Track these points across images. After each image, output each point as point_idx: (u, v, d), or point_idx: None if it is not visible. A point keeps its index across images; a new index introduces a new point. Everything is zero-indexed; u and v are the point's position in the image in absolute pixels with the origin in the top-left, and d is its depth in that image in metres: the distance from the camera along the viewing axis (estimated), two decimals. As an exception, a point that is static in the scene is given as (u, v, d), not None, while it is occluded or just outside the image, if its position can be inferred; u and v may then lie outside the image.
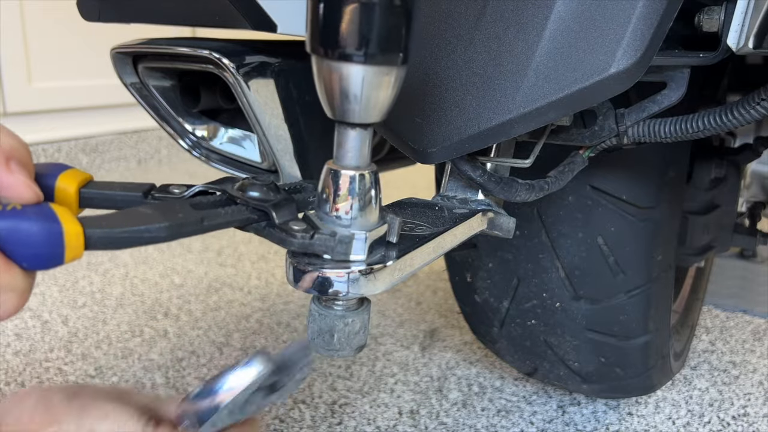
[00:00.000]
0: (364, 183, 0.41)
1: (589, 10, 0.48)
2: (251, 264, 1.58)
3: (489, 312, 0.91)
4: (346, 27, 0.35)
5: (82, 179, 0.41)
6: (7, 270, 0.31)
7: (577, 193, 0.77)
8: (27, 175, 0.35)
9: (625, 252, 0.78)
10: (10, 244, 0.31)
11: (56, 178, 0.40)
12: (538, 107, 0.49)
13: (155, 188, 0.44)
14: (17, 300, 0.32)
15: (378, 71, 0.37)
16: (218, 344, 1.17)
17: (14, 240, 0.31)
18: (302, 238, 0.40)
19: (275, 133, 0.66)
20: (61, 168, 0.41)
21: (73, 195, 0.41)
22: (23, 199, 0.34)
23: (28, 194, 0.34)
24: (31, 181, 0.35)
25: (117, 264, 1.55)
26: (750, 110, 0.53)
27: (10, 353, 1.11)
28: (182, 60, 0.69)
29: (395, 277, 0.44)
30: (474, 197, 0.59)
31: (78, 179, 0.41)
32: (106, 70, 0.87)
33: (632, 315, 0.81)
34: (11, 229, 0.31)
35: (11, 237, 0.31)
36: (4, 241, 0.31)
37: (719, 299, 1.43)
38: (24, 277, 0.32)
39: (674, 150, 0.77)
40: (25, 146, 0.37)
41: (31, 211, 0.32)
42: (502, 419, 0.97)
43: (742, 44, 0.52)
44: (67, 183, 0.40)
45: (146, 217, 0.36)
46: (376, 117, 0.39)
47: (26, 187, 0.34)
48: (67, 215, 0.33)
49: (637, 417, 0.98)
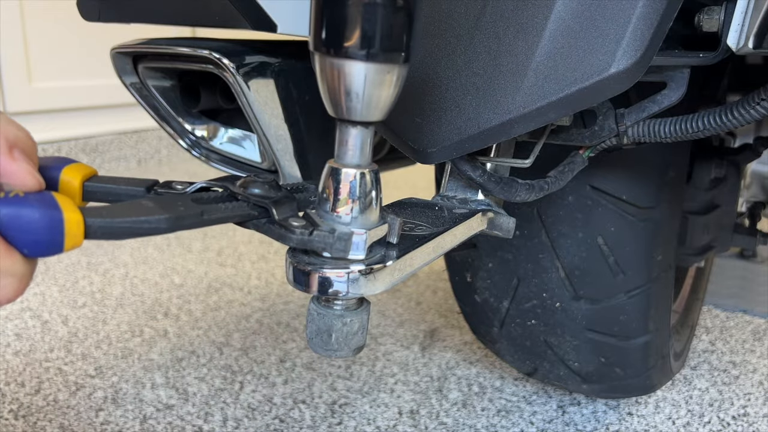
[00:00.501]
0: (364, 182, 0.41)
1: (589, 10, 0.48)
2: (251, 264, 1.58)
3: (489, 312, 0.91)
4: (349, 25, 0.35)
5: (86, 173, 0.42)
6: (8, 255, 0.32)
7: (577, 193, 0.77)
8: (30, 163, 0.35)
9: (625, 252, 0.78)
10: (12, 230, 0.31)
11: (60, 170, 0.41)
12: (538, 107, 0.49)
13: (158, 184, 0.44)
14: (17, 285, 0.33)
15: (380, 69, 0.37)
16: (218, 344, 1.17)
17: (15, 226, 0.31)
18: (301, 234, 0.41)
19: (275, 133, 0.66)
20: (65, 161, 0.41)
21: (77, 188, 0.41)
22: (26, 186, 0.34)
23: (30, 181, 0.34)
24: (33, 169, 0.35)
25: (117, 264, 1.55)
26: (750, 110, 0.53)
27: (10, 353, 1.11)
28: (182, 60, 0.69)
29: (395, 277, 0.44)
30: (474, 197, 0.59)
31: (82, 173, 0.42)
32: (106, 70, 0.87)
33: (632, 315, 0.81)
34: (13, 215, 0.31)
35: (13, 223, 0.31)
36: (5, 226, 0.31)
37: (719, 299, 1.43)
38: (24, 263, 0.33)
39: (674, 150, 0.77)
40: (29, 137, 0.37)
41: (33, 199, 0.32)
42: (502, 419, 0.97)
43: (742, 44, 0.52)
44: (71, 176, 0.41)
45: (147, 209, 0.37)
46: (377, 115, 0.39)
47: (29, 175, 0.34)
48: (69, 204, 0.33)
49: (637, 417, 0.98)
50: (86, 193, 0.42)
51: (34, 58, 2.21)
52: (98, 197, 0.42)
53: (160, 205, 0.37)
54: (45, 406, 0.97)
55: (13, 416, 0.94)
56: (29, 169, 0.35)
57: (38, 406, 0.97)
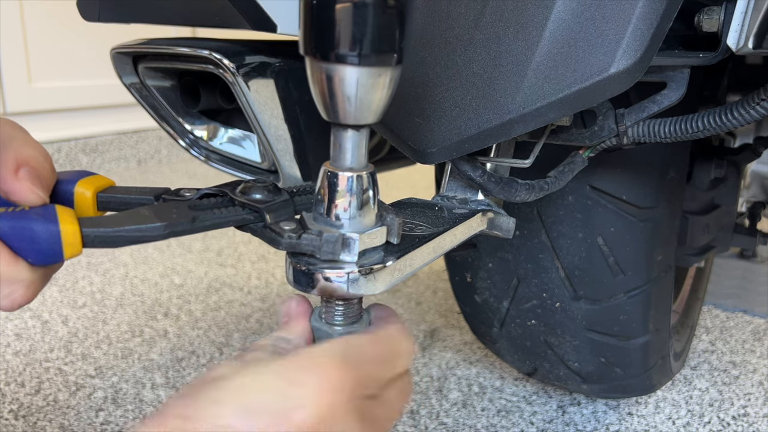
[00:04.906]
0: (359, 184, 0.41)
1: (589, 10, 0.48)
2: (251, 264, 1.58)
3: (489, 312, 0.91)
4: (339, 29, 0.35)
5: (100, 184, 0.45)
6: (14, 264, 0.36)
7: (577, 193, 0.77)
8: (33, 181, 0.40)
9: (625, 252, 0.78)
10: (17, 241, 0.36)
11: (75, 183, 0.44)
12: (538, 107, 0.49)
13: (168, 192, 0.46)
14: (24, 291, 0.36)
15: (372, 72, 0.37)
16: (218, 344, 1.17)
17: (20, 237, 0.36)
18: (289, 238, 0.41)
19: (275, 133, 0.66)
20: (82, 174, 0.45)
21: (90, 199, 0.44)
22: (29, 202, 0.39)
23: (32, 198, 0.39)
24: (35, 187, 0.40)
25: (117, 264, 1.55)
26: (750, 110, 0.53)
27: (10, 353, 1.11)
28: (182, 60, 0.69)
29: (395, 277, 0.44)
30: (474, 197, 0.59)
31: (96, 184, 0.45)
32: (106, 70, 0.87)
33: (632, 315, 0.81)
34: (17, 228, 0.35)
35: (17, 235, 0.35)
36: (11, 238, 0.35)
37: (719, 299, 1.43)
38: (30, 271, 0.36)
39: (674, 150, 0.77)
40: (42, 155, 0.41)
41: (35, 213, 0.36)
42: (502, 419, 0.97)
43: (742, 44, 0.52)
44: (84, 188, 0.44)
45: (142, 218, 0.39)
46: (371, 118, 0.39)
47: (30, 192, 0.39)
48: (67, 216, 0.37)
49: (637, 417, 0.98)
50: (101, 204, 0.45)
51: (34, 58, 2.21)
52: (112, 207, 0.45)
53: (155, 213, 0.40)
54: (45, 406, 0.97)
55: (13, 416, 0.94)
56: (31, 187, 0.39)
57: (38, 406, 0.97)
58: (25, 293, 0.37)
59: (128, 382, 1.04)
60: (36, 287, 0.37)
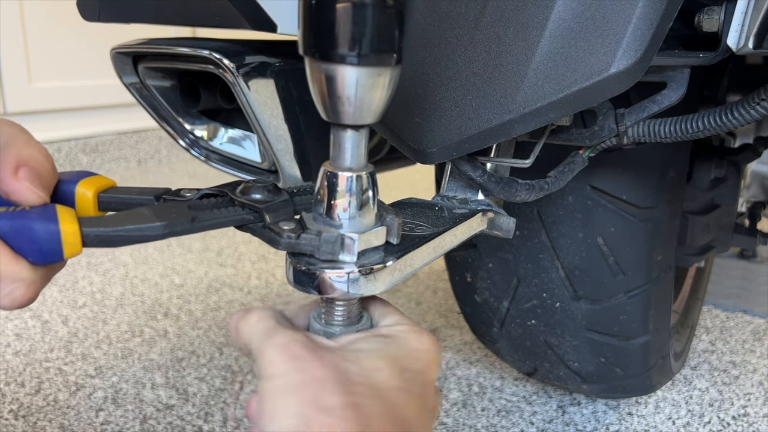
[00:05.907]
0: (358, 185, 0.41)
1: (589, 10, 0.48)
2: (251, 264, 1.58)
3: (489, 312, 0.91)
4: (338, 29, 0.35)
5: (101, 185, 0.45)
6: (15, 263, 0.36)
7: (577, 193, 0.77)
8: (33, 181, 0.40)
9: (625, 252, 0.78)
10: (17, 241, 0.36)
11: (76, 183, 0.44)
12: (538, 107, 0.49)
13: (169, 192, 0.45)
14: (25, 290, 0.37)
15: (371, 72, 0.37)
16: (218, 344, 1.17)
17: (20, 237, 0.36)
18: (288, 238, 0.41)
19: (275, 133, 0.66)
20: (83, 175, 0.45)
21: (91, 199, 0.44)
22: (29, 202, 0.39)
23: (32, 197, 0.39)
24: (35, 186, 0.40)
25: (117, 264, 1.55)
26: (750, 110, 0.53)
27: (10, 353, 1.11)
28: (182, 60, 0.69)
29: (395, 277, 0.44)
30: (474, 197, 0.59)
31: (97, 185, 0.45)
32: (106, 70, 0.87)
33: (632, 315, 0.81)
34: (17, 227, 0.36)
35: (17, 234, 0.36)
36: (12, 237, 0.36)
37: (719, 299, 1.43)
38: (31, 270, 0.37)
39: (674, 150, 0.77)
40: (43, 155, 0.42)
41: (35, 212, 0.36)
42: (502, 419, 0.97)
43: (742, 44, 0.52)
44: (86, 188, 0.44)
45: (142, 218, 0.39)
46: (370, 118, 0.39)
47: (30, 192, 0.39)
48: (67, 216, 0.37)
49: (637, 417, 0.98)
50: (102, 204, 0.45)
51: (34, 58, 2.21)
52: (113, 207, 0.45)
53: (154, 213, 0.40)
54: (45, 406, 0.97)
55: (13, 416, 0.94)
56: (30, 187, 0.40)
57: (38, 406, 0.97)
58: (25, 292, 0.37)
59: (128, 382, 1.04)
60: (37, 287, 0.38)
